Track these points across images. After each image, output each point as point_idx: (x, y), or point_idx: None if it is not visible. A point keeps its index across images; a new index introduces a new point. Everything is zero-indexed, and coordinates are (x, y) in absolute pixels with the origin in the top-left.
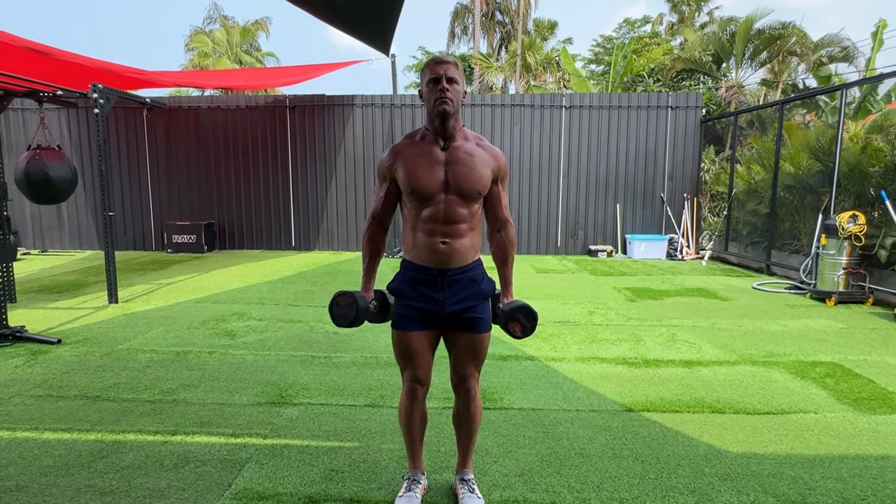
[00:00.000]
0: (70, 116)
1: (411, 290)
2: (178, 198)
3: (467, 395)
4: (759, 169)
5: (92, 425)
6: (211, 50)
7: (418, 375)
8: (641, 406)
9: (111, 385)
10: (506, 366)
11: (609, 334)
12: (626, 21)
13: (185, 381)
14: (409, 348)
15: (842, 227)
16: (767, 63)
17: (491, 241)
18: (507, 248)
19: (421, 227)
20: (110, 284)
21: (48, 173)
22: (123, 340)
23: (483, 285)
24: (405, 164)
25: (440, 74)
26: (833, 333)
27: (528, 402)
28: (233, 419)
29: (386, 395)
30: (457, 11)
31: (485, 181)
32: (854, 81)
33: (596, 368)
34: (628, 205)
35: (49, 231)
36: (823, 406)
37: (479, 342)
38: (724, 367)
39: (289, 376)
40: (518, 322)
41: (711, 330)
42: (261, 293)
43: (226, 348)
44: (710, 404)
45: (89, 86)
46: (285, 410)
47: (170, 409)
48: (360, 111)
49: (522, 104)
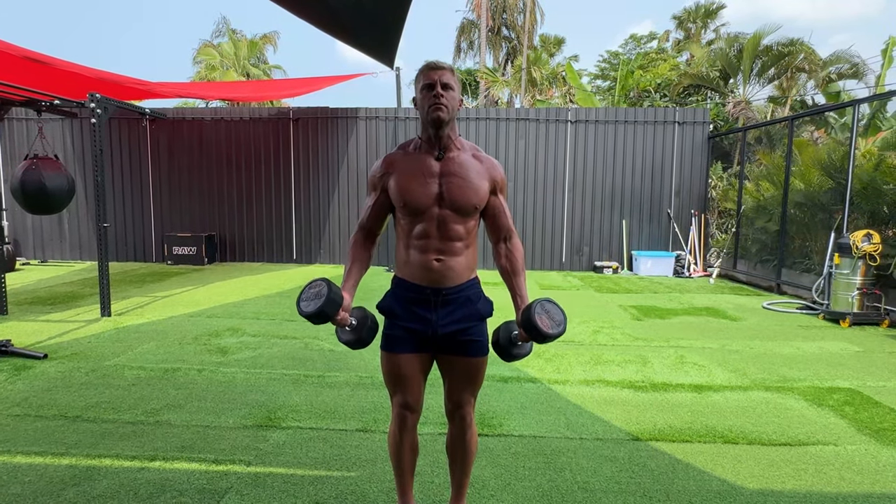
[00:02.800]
0: (73, 127)
1: (403, 309)
2: (179, 209)
3: (462, 423)
4: (769, 185)
5: (67, 448)
6: (218, 63)
7: (408, 401)
8: (649, 434)
9: (93, 404)
10: (506, 388)
11: (615, 355)
12: (633, 37)
13: (171, 400)
14: (399, 372)
15: (856, 247)
16: (776, 79)
17: (497, 255)
18: (517, 258)
19: (414, 244)
20: (103, 297)
21: (44, 183)
22: (112, 356)
23: (479, 305)
24: (397, 176)
25: (434, 80)
26: (849, 357)
27: (528, 428)
28: (216, 443)
29: (379, 418)
30: (463, 26)
31: (481, 194)
32: (866, 97)
33: (601, 392)
34: (634, 221)
35: (50, 241)
36: (843, 437)
37: (475, 367)
38: (736, 393)
39: (279, 397)
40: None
41: (721, 352)
42: (257, 307)
43: (216, 366)
44: (722, 433)
45: (87, 95)
46: (272, 434)
47: (151, 432)
48: (363, 124)
49: (528, 118)
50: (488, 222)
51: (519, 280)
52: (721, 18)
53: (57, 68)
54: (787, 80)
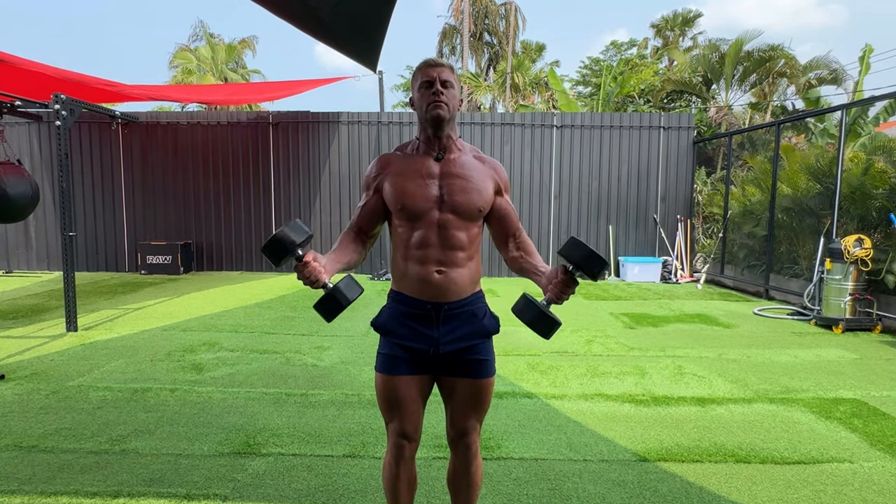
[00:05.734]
0: (41, 131)
1: (400, 326)
2: (154, 217)
3: (467, 453)
4: (755, 190)
5: (20, 484)
6: (195, 67)
7: (406, 430)
8: (656, 454)
9: (52, 432)
10: (502, 404)
11: (611, 366)
12: (613, 44)
13: (140, 425)
14: (395, 396)
15: (847, 251)
16: (758, 85)
17: (507, 251)
18: (529, 244)
19: (412, 255)
20: (69, 310)
21: (5, 190)
22: (76, 375)
23: (485, 321)
24: (393, 177)
25: (434, 77)
26: (848, 365)
27: (529, 449)
28: (189, 474)
29: (368, 441)
30: (445, 31)
31: (485, 197)
32: (856, 101)
33: (601, 407)
34: (621, 226)
35: (15, 251)
36: (857, 453)
37: (481, 389)
38: (741, 406)
39: (259, 419)
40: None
41: (719, 361)
42: (236, 319)
43: (191, 385)
44: (732, 451)
45: (51, 96)
46: (251, 463)
47: (116, 463)
48: (345, 128)
49: (513, 123)
50: (496, 227)
51: (536, 259)
52: (698, 27)
53: (19, 67)
54: (768, 86)
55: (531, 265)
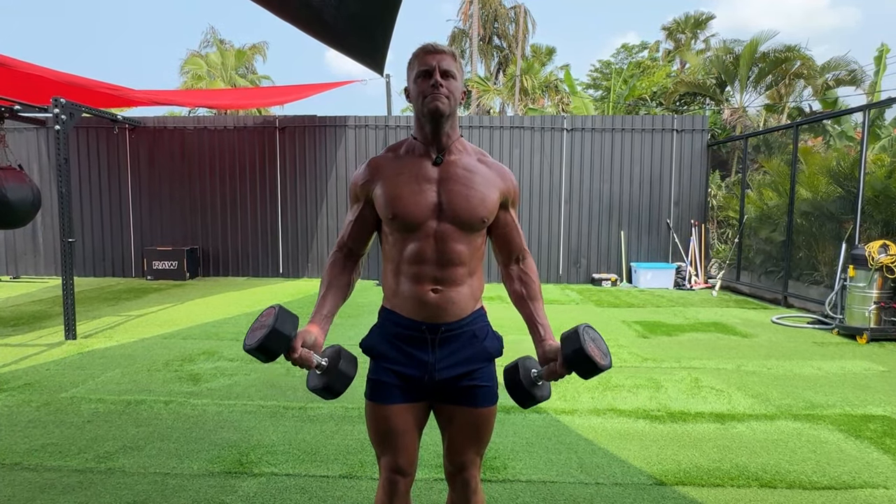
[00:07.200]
0: (49, 136)
1: (392, 349)
2: (160, 222)
3: (465, 489)
4: (772, 194)
5: None
6: (205, 72)
7: (399, 464)
8: (674, 477)
9: (38, 447)
10: (508, 420)
11: (624, 379)
12: (624, 47)
13: (130, 440)
14: (387, 428)
15: (872, 258)
16: (774, 86)
17: (508, 278)
18: (533, 280)
19: (405, 270)
20: (68, 318)
21: (6, 195)
22: (70, 386)
23: (486, 343)
24: (385, 183)
25: (432, 66)
26: (875, 378)
27: (537, 471)
28: (176, 496)
29: (367, 460)
30: (454, 35)
31: (489, 205)
32: (878, 102)
33: (614, 424)
34: (633, 231)
35: (23, 256)
36: (893, 478)
37: (481, 419)
38: (763, 423)
39: (254, 434)
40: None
41: (738, 373)
42: (238, 327)
43: (186, 397)
44: (755, 474)
45: (50, 100)
46: (242, 483)
47: (100, 483)
48: (352, 133)
49: (522, 126)
50: (497, 242)
51: (537, 306)
52: (710, 29)
53: (20, 71)
54: (784, 87)
55: (530, 314)
